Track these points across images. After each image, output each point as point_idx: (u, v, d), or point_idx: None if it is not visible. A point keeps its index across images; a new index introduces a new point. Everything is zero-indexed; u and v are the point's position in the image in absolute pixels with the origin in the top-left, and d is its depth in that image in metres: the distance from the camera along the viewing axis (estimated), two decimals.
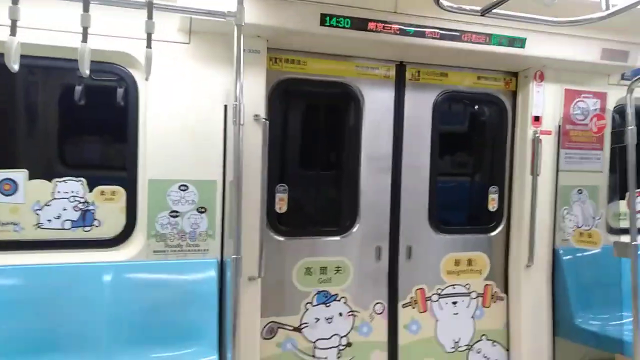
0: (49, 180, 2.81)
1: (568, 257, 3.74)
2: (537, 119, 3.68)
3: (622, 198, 3.83)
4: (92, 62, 2.16)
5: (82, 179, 2.86)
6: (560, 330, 3.73)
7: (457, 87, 3.70)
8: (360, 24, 2.93)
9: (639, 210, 3.89)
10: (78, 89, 2.89)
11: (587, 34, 3.34)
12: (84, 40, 2.11)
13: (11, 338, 2.53)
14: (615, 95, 3.89)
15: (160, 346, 2.69)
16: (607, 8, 2.16)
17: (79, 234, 2.87)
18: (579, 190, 3.80)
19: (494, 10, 2.18)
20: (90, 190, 2.87)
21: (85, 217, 2.87)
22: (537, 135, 3.64)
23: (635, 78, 3.16)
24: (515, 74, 3.81)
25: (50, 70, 2.91)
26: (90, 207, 2.88)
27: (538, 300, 3.73)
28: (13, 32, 2.02)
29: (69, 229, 2.85)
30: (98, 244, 2.89)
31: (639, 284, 2.97)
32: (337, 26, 2.89)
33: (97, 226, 2.89)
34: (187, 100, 2.92)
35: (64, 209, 2.83)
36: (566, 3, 2.21)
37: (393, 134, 3.54)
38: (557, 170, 3.74)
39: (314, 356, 3.37)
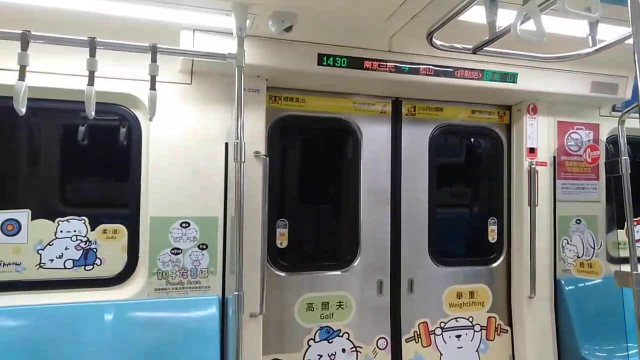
0: (52, 219, 2.83)
1: (570, 287, 3.73)
2: (532, 150, 3.74)
3: (621, 227, 3.85)
4: (96, 103, 2.23)
5: (84, 217, 2.88)
6: None
7: (452, 121, 3.78)
8: (356, 63, 3.03)
9: (639, 239, 3.91)
10: (82, 129, 2.95)
11: (576, 68, 3.45)
12: (91, 83, 2.18)
13: None
14: (607, 126, 3.98)
15: None
16: (594, 44, 2.24)
17: (80, 273, 2.87)
18: (577, 220, 3.83)
19: (485, 48, 2.27)
20: (93, 229, 2.89)
21: (87, 256, 2.88)
22: (532, 166, 3.70)
23: (626, 110, 3.25)
24: (508, 107, 3.90)
25: (53, 112, 2.97)
26: (93, 246, 2.89)
27: (542, 331, 3.69)
28: (22, 77, 2.09)
29: (70, 268, 2.85)
30: (100, 283, 2.89)
31: None
32: (333, 65, 2.99)
33: (98, 265, 2.90)
34: (188, 139, 2.98)
35: (66, 248, 2.84)
36: (555, 40, 2.30)
37: (391, 167, 3.60)
38: (555, 201, 3.77)
39: None
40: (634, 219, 3.23)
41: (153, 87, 2.28)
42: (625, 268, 3.08)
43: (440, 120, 3.75)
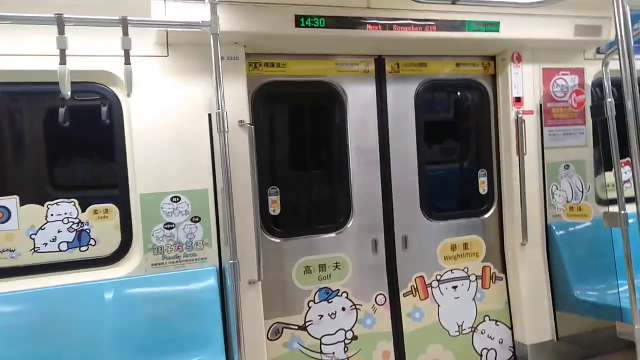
0: (41, 204, 2.82)
1: (561, 232, 3.81)
2: (518, 99, 3.73)
3: (608, 169, 3.89)
4: (73, 82, 2.19)
5: (73, 199, 2.87)
6: (560, 303, 3.79)
7: (437, 76, 3.75)
8: (335, 22, 2.97)
9: (626, 180, 3.96)
10: (61, 110, 2.90)
11: (559, 12, 3.40)
12: (62, 62, 2.13)
13: None
14: (592, 70, 3.96)
15: (168, 357, 2.71)
16: None
17: (76, 254, 2.88)
18: (566, 165, 3.87)
19: None
20: (83, 210, 2.88)
21: (81, 237, 2.88)
22: (519, 115, 3.70)
23: (609, 51, 3.23)
24: (493, 58, 3.86)
25: (32, 95, 2.91)
26: (85, 227, 2.89)
27: (536, 276, 3.79)
28: None
29: (65, 250, 2.86)
30: (96, 262, 2.90)
31: (631, 251, 3.03)
32: (312, 26, 2.93)
33: (93, 245, 2.91)
34: (171, 113, 2.94)
35: (59, 231, 2.84)
36: None
37: (378, 127, 3.58)
38: (542, 148, 3.80)
39: (321, 352, 3.40)
40: (621, 160, 3.27)
41: (127, 62, 2.23)
42: (614, 209, 3.13)
43: (425, 75, 3.71)
